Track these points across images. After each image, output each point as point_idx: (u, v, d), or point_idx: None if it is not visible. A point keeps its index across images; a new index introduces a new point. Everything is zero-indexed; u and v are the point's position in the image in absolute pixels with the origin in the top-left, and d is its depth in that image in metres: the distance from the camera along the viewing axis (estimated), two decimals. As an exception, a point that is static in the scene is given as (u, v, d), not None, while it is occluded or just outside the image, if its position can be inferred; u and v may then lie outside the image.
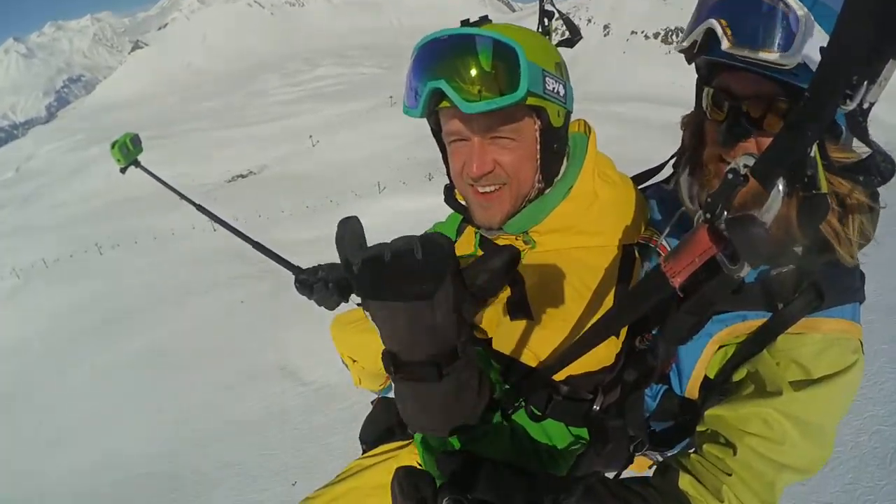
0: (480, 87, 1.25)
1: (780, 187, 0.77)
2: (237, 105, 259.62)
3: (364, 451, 2.17)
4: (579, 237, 1.50)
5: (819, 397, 1.30)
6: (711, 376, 1.47)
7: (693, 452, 1.48)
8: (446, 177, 1.66)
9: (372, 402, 2.44)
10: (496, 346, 1.50)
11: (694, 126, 1.56)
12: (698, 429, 1.49)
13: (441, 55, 1.30)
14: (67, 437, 12.98)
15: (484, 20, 1.38)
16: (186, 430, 10.75)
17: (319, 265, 2.13)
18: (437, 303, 1.02)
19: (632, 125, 60.22)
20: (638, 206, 1.61)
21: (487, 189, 1.45)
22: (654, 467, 1.61)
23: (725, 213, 0.83)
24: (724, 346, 1.44)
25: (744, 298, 1.37)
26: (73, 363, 18.55)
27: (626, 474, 1.65)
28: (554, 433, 1.42)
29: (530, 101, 1.32)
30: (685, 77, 1.71)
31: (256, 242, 2.48)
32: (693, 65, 1.52)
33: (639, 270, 1.54)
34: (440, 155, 1.62)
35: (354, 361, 2.30)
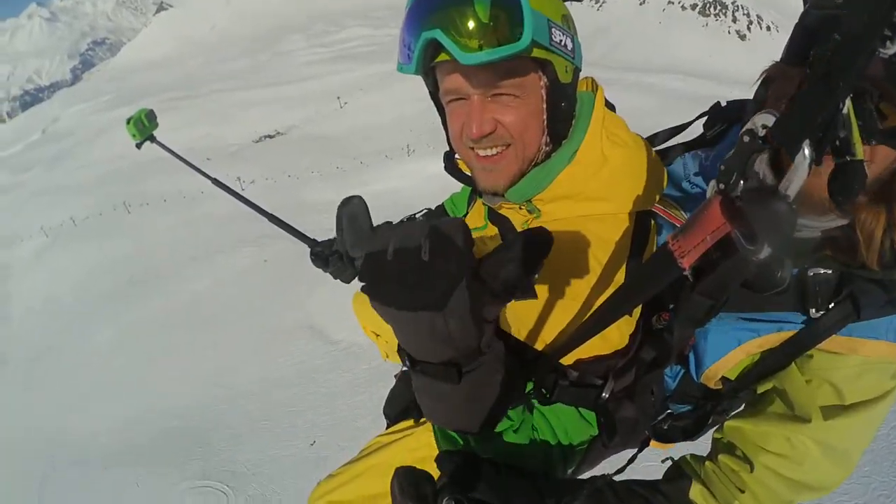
0: (479, 39, 1.19)
1: (807, 152, 0.66)
2: (263, 66, 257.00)
3: (388, 426, 2.19)
4: (587, 204, 1.41)
5: (850, 425, 1.27)
6: (731, 377, 1.43)
7: (708, 460, 1.45)
8: (446, 143, 1.57)
9: (395, 376, 2.41)
10: (500, 324, 1.41)
11: (789, 90, 1.14)
12: (715, 435, 1.48)
13: (436, 5, 1.23)
14: (99, 394, 13.23)
15: None
16: (217, 386, 11.01)
17: (335, 237, 2.15)
18: (450, 311, 0.89)
19: (664, 96, 58.49)
20: (652, 170, 1.48)
21: (489, 152, 1.39)
22: (666, 463, 1.63)
23: (742, 182, 0.74)
24: (752, 355, 1.39)
25: (776, 299, 1.26)
26: (103, 321, 18.51)
27: (646, 454, 1.76)
28: (565, 417, 1.36)
29: (535, 52, 1.26)
30: (721, 51, 1.46)
31: (270, 215, 2.53)
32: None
33: (654, 242, 1.47)
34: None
35: (378, 336, 2.41)
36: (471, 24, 1.17)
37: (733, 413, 1.45)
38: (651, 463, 1.78)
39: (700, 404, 1.54)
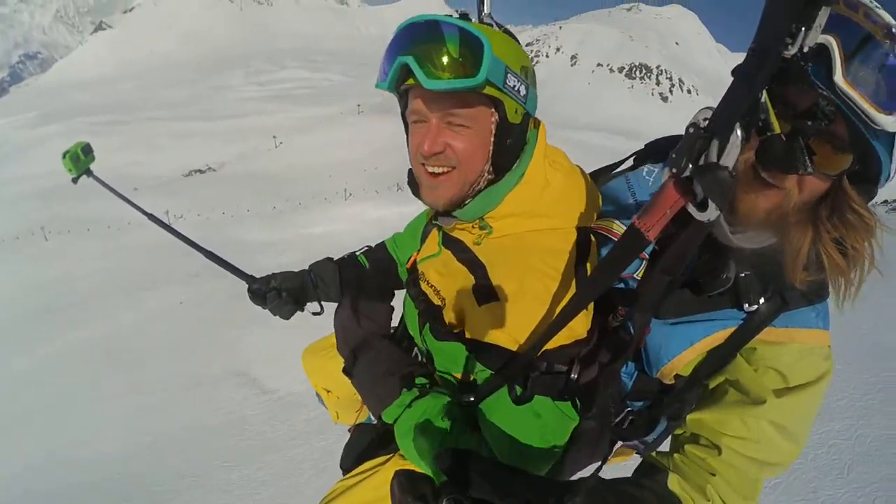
0: (447, 70, 1.33)
1: (738, 132, 0.83)
2: (199, 98, 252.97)
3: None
4: (534, 220, 1.53)
5: (797, 404, 1.39)
6: (685, 374, 1.53)
7: (676, 453, 1.53)
8: (410, 163, 1.67)
9: (349, 430, 2.41)
10: (471, 334, 1.51)
11: None
12: (677, 432, 1.58)
13: (414, 36, 1.37)
14: (12, 427, 11.62)
15: (465, 16, 1.43)
16: (140, 432, 9.73)
17: (273, 274, 2.27)
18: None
19: (590, 152, 59.68)
20: (589, 193, 1.64)
21: (436, 170, 1.50)
22: (638, 461, 1.72)
23: (690, 166, 0.89)
24: (701, 353, 1.49)
25: (717, 300, 1.43)
26: (16, 351, 16.81)
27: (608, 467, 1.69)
28: (545, 412, 1.41)
29: (489, 90, 1.38)
30: (644, 111, 1.67)
31: (207, 250, 2.44)
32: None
33: (596, 255, 1.59)
34: (408, 162, 1.64)
35: (329, 392, 2.40)
36: (437, 56, 1.33)
37: (689, 410, 1.58)
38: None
39: (656, 398, 1.66)
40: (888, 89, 1.08)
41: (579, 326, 1.47)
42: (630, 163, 1.88)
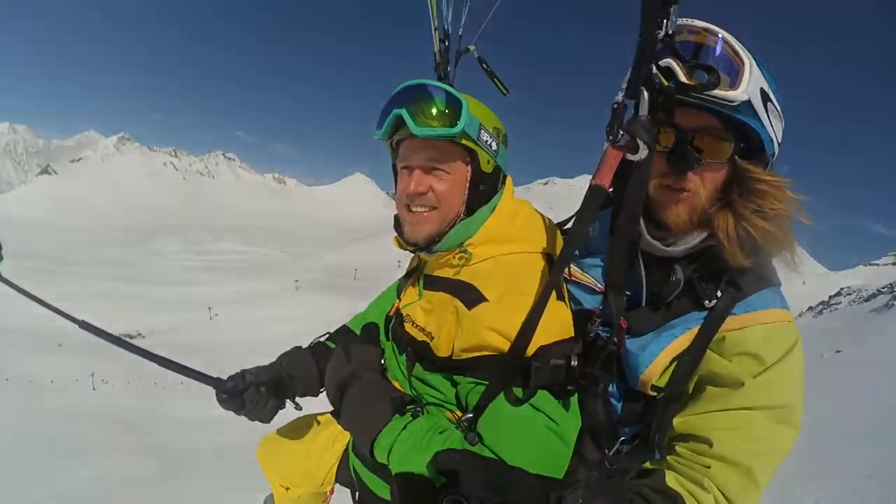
0: (432, 120, 1.56)
1: (645, 93, 1.22)
2: (133, 261, 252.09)
3: None
4: (508, 245, 1.70)
5: (777, 379, 1.41)
6: (662, 385, 1.53)
7: (669, 455, 1.55)
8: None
9: None
10: (461, 348, 1.56)
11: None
12: (668, 439, 1.59)
13: (408, 94, 1.62)
14: None
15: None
16: None
17: (245, 369, 1.98)
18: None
19: None
20: (551, 226, 1.85)
21: (419, 209, 1.67)
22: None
23: (620, 133, 1.21)
24: (675, 358, 1.51)
25: (678, 305, 1.52)
26: None
27: None
28: (546, 406, 1.44)
29: (465, 141, 1.61)
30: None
31: (164, 359, 1.96)
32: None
33: (562, 285, 1.70)
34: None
35: (287, 490, 2.29)
36: (426, 109, 1.57)
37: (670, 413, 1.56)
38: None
39: (644, 420, 1.63)
40: (724, 71, 1.29)
41: (567, 319, 1.56)
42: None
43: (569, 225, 1.92)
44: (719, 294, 1.46)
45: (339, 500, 2.17)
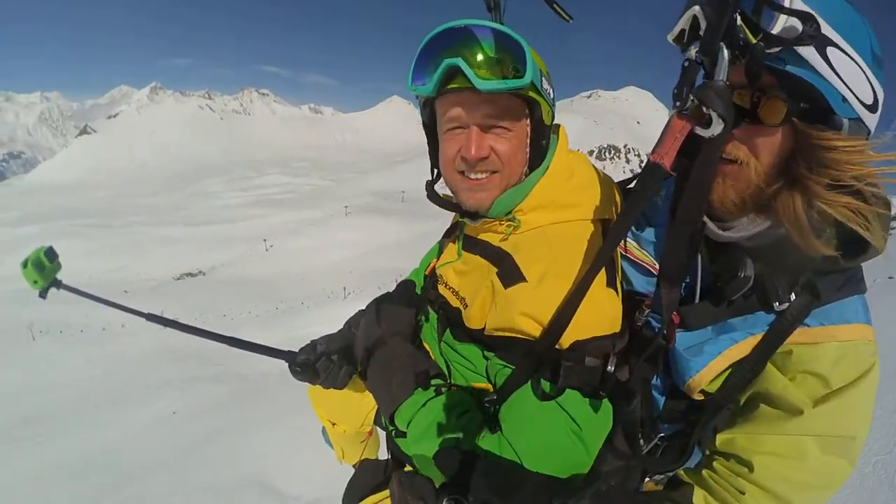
0: (493, 72, 1.35)
1: (725, 52, 0.97)
2: (182, 203, 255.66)
3: None
4: (561, 211, 1.53)
5: (841, 408, 1.26)
6: (713, 391, 1.41)
7: (705, 469, 1.44)
8: (429, 176, 1.71)
9: (354, 466, 2.37)
10: (493, 327, 1.47)
11: None
12: (708, 451, 1.48)
13: (456, 40, 1.37)
14: None
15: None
16: None
17: (314, 340, 2.05)
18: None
19: None
20: (609, 185, 1.65)
21: (480, 176, 1.49)
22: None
23: (691, 98, 0.99)
24: (731, 365, 1.38)
25: (743, 304, 1.35)
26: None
27: None
28: (573, 407, 1.34)
29: (530, 93, 1.42)
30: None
31: (232, 338, 2.16)
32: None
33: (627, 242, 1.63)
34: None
35: (334, 425, 2.30)
36: (484, 58, 1.36)
37: (722, 430, 1.48)
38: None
39: (687, 420, 1.54)
40: (754, 12, 1.08)
41: (612, 312, 1.42)
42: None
43: (631, 185, 1.82)
44: (793, 297, 1.29)
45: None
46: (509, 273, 1.44)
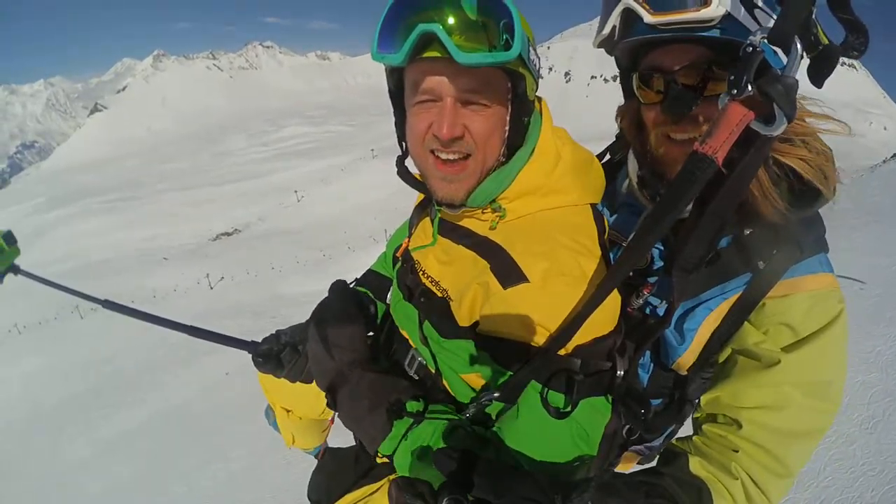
0: (475, 42, 1.20)
1: (798, 46, 0.86)
2: (205, 165, 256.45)
3: None
4: (549, 198, 1.42)
5: (815, 354, 1.30)
6: (696, 360, 1.46)
7: (695, 436, 1.46)
8: (399, 150, 1.54)
9: (316, 456, 2.28)
10: (488, 328, 1.36)
11: (630, 116, 1.58)
12: (695, 416, 1.50)
13: (430, 1, 1.21)
14: None
15: None
16: (233, 501, 8.40)
17: (280, 330, 1.95)
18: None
19: None
20: (595, 166, 1.57)
21: (451, 157, 1.33)
22: (643, 462, 1.71)
23: (749, 86, 0.89)
24: (712, 333, 1.41)
25: (723, 267, 1.37)
26: (69, 438, 15.97)
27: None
28: (580, 416, 1.28)
29: (515, 66, 1.27)
30: None
31: (192, 327, 2.13)
32: (615, 58, 1.55)
33: (607, 231, 1.51)
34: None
35: (289, 413, 2.18)
36: (465, 26, 1.19)
37: (698, 388, 1.49)
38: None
39: (672, 395, 1.53)
40: None
41: (613, 312, 1.35)
42: (608, 156, 1.86)
43: (606, 158, 1.86)
44: (774, 253, 1.33)
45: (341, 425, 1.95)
46: (507, 271, 1.32)
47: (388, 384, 1.49)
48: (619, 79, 1.56)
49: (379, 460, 1.31)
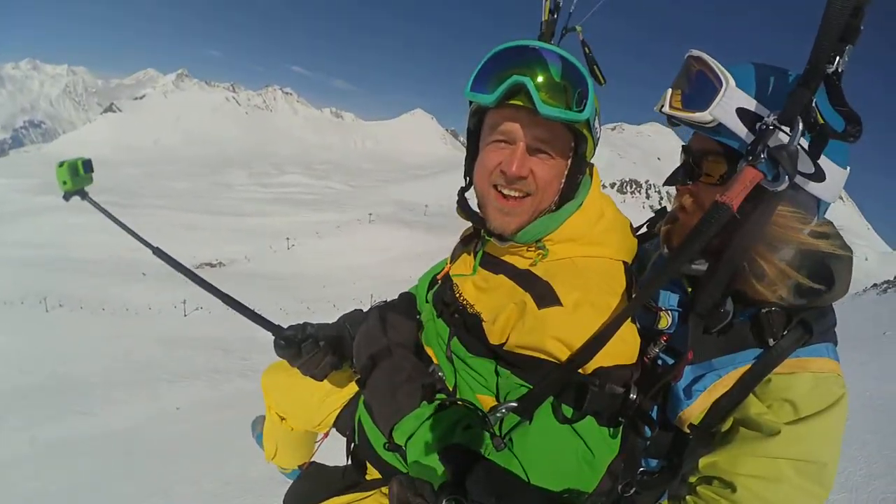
0: (557, 100, 1.37)
1: (800, 125, 1.09)
2: (203, 192, 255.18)
3: None
4: (589, 247, 1.57)
5: (814, 433, 1.35)
6: (697, 423, 1.50)
7: (689, 495, 1.50)
8: (452, 192, 1.73)
9: (300, 467, 2.33)
10: (516, 344, 1.47)
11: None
12: (690, 479, 1.53)
13: (527, 59, 1.40)
14: None
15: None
16: None
17: (307, 322, 2.03)
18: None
19: None
20: (629, 229, 1.71)
21: (513, 193, 1.50)
22: None
23: (762, 155, 1.12)
24: (717, 399, 1.47)
25: (736, 337, 1.45)
26: (11, 431, 14.96)
27: None
28: (587, 433, 1.37)
29: (582, 127, 1.46)
30: (637, 222, 1.88)
31: (228, 296, 2.14)
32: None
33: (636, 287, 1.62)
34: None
35: (282, 421, 2.27)
36: (551, 84, 1.37)
37: (704, 454, 1.50)
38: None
39: (670, 458, 1.61)
40: (698, 92, 1.34)
41: (634, 345, 1.47)
42: (644, 228, 1.95)
43: (641, 230, 1.94)
44: (785, 333, 1.41)
45: (330, 446, 2.14)
46: (544, 294, 1.45)
47: (426, 370, 1.65)
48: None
49: (395, 477, 1.26)
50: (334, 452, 1.98)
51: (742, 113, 1.30)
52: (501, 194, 1.50)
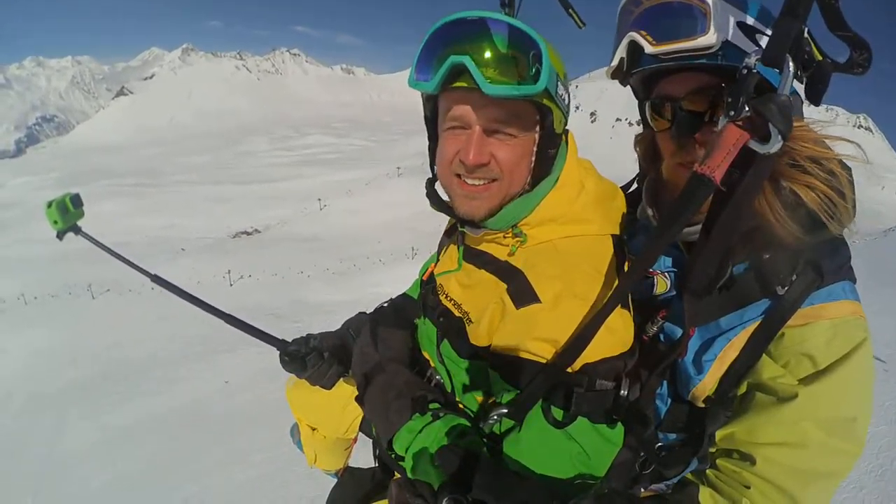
0: (505, 75, 1.25)
1: (791, 65, 0.92)
2: (227, 163, 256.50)
3: None
4: (571, 226, 1.46)
5: (836, 388, 1.24)
6: (712, 394, 1.39)
7: (709, 469, 1.44)
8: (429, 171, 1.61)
9: (337, 473, 2.37)
10: (501, 345, 1.39)
11: (646, 144, 1.69)
12: (710, 450, 1.46)
13: (466, 34, 1.27)
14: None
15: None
16: None
17: (310, 334, 2.07)
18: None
19: None
20: (617, 195, 1.61)
21: (476, 182, 1.40)
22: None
23: (746, 107, 0.94)
24: (730, 365, 1.35)
25: (740, 292, 1.31)
26: (74, 423, 14.75)
27: None
28: (580, 435, 1.29)
29: (542, 98, 1.32)
30: None
31: (230, 316, 2.21)
32: (631, 89, 1.63)
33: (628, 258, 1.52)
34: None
35: (314, 431, 2.24)
36: (494, 58, 1.24)
37: (716, 423, 1.42)
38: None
39: (691, 430, 1.44)
40: (687, 18, 1.25)
41: (625, 333, 1.36)
42: (635, 185, 1.87)
43: (632, 188, 1.88)
44: (794, 279, 1.27)
45: (368, 445, 2.13)
46: (521, 292, 1.37)
47: (417, 382, 1.59)
48: (637, 109, 1.62)
49: (394, 479, 1.30)
50: (370, 453, 2.02)
51: (744, 28, 1.20)
52: (465, 183, 1.41)
